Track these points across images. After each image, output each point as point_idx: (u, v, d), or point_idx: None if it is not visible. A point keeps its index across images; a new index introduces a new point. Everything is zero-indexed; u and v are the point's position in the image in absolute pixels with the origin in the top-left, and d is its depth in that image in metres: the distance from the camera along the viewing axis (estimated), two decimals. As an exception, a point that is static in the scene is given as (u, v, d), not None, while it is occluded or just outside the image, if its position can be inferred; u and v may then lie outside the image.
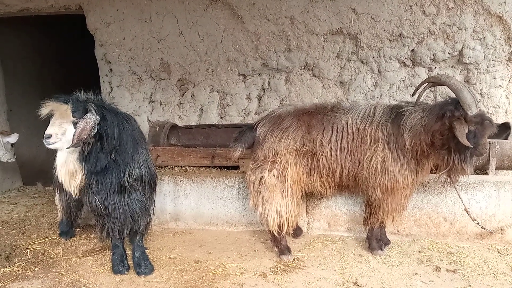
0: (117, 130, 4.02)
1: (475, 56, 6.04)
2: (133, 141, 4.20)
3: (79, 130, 3.77)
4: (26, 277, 4.40)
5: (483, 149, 3.95)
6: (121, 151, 4.09)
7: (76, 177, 4.05)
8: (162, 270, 4.43)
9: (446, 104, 4.00)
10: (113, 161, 4.05)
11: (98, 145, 3.95)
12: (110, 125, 3.97)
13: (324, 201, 5.23)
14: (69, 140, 3.84)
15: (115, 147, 4.04)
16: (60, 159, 4.07)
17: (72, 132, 3.83)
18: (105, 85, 7.42)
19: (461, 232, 4.89)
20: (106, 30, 7.08)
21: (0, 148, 6.61)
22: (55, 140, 3.82)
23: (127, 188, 4.16)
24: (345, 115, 4.46)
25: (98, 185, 4.06)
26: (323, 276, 4.19)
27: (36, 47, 9.43)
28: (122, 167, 4.11)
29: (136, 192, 4.25)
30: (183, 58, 6.97)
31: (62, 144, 3.87)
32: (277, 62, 6.66)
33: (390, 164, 4.25)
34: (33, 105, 9.13)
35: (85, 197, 4.26)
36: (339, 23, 6.30)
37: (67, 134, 3.84)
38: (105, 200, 4.13)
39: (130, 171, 4.13)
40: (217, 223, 5.57)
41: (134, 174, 4.15)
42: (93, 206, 4.19)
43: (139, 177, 4.22)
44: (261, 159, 4.53)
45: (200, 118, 7.17)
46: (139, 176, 4.22)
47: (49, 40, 9.78)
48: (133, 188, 4.20)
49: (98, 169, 4.00)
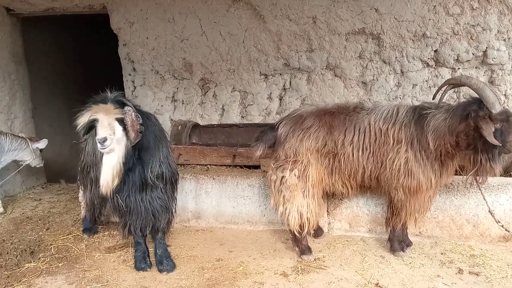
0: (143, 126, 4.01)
1: (500, 57, 5.96)
2: (155, 138, 4.22)
3: (130, 123, 3.76)
4: (50, 272, 4.47)
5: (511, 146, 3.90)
6: (144, 149, 4.10)
7: (118, 177, 3.96)
8: (184, 268, 4.47)
9: (469, 105, 3.96)
10: (137, 159, 4.06)
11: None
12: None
13: (346, 201, 5.22)
14: (118, 139, 3.77)
15: (141, 144, 4.02)
16: (111, 161, 3.88)
17: (119, 129, 3.77)
18: (128, 84, 7.49)
19: (484, 234, 4.84)
20: (130, 29, 7.15)
21: (29, 154, 6.72)
22: (110, 141, 3.71)
23: (149, 185, 4.18)
24: (367, 115, 4.44)
25: (121, 183, 4.07)
26: (344, 276, 4.18)
27: (60, 46, 9.55)
28: (145, 164, 4.13)
29: (157, 190, 4.27)
30: (205, 58, 7.01)
31: (114, 144, 3.77)
32: (299, 62, 6.66)
33: (413, 165, 4.22)
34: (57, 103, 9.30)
35: None
36: (361, 23, 6.28)
37: (117, 132, 3.76)
38: (127, 198, 4.16)
39: (151, 169, 4.15)
40: (238, 222, 5.59)
41: (155, 172, 4.17)
42: (115, 204, 4.22)
43: (160, 174, 4.24)
44: (282, 158, 4.54)
45: (221, 118, 7.20)
46: (160, 173, 4.23)
47: (73, 39, 9.90)
48: (154, 186, 4.21)
49: (131, 166, 4.00)
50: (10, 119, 7.59)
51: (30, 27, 8.26)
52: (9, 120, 7.57)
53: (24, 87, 8.05)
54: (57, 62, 9.49)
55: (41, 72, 8.82)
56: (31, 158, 6.78)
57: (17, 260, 4.74)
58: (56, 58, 9.46)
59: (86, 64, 10.31)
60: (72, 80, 9.92)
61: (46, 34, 8.96)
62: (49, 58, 9.21)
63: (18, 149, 6.60)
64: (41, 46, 8.90)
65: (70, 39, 9.83)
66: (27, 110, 8.09)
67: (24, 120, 7.94)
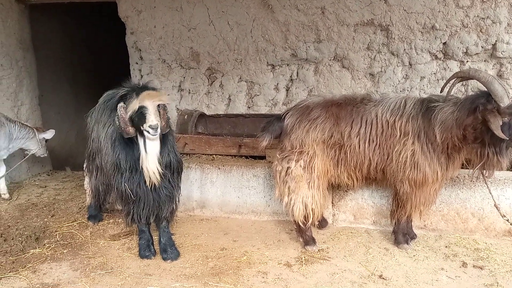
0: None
1: (509, 50, 5.90)
2: None
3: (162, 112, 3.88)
4: (55, 258, 4.50)
5: None
6: None
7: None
8: (188, 256, 4.48)
9: (477, 98, 3.93)
10: None
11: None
12: None
13: (351, 193, 5.21)
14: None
15: None
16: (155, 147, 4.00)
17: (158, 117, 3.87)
18: (135, 73, 7.49)
19: (489, 228, 4.82)
20: (137, 18, 7.14)
21: (36, 143, 6.75)
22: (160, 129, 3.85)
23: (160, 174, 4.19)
24: (374, 107, 4.42)
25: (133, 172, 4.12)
26: (348, 268, 4.19)
27: (67, 34, 9.55)
28: None
29: (165, 179, 4.26)
30: (212, 47, 6.99)
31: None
32: (306, 52, 6.63)
33: (420, 157, 4.21)
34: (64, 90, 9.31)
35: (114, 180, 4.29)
36: (370, 14, 6.23)
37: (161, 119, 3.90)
38: (137, 187, 4.18)
39: (162, 158, 4.16)
40: (242, 212, 5.60)
41: (164, 161, 4.18)
42: (123, 192, 4.23)
43: (169, 163, 4.25)
44: (288, 149, 4.53)
45: (227, 108, 7.19)
46: (168, 162, 4.25)
47: (80, 27, 9.90)
48: (163, 175, 4.20)
49: None
50: (16, 106, 7.61)
51: (37, 14, 8.26)
52: (15, 107, 7.58)
53: (31, 74, 8.06)
54: (64, 50, 9.49)
55: (48, 59, 8.83)
56: (37, 148, 6.80)
57: (22, 246, 4.77)
58: (64, 46, 9.46)
59: (93, 52, 10.31)
60: (79, 68, 9.92)
61: (53, 21, 8.96)
62: (57, 46, 9.22)
63: (26, 137, 6.63)
64: (49, 33, 8.90)
65: (78, 27, 9.82)
66: (34, 97, 8.11)
67: (30, 107, 7.96)
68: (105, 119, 4.55)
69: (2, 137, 6.30)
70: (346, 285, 3.85)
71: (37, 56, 8.33)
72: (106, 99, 4.76)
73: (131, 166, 4.10)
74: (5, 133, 6.34)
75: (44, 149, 6.97)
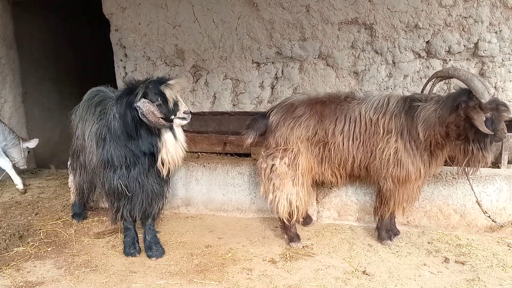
0: None
1: (491, 49, 5.98)
2: None
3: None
4: (39, 256, 4.48)
5: (502, 134, 3.92)
6: None
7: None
8: (173, 254, 4.49)
9: (459, 96, 3.99)
10: None
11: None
12: None
13: (335, 190, 5.25)
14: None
15: None
16: (182, 133, 4.16)
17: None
18: (120, 70, 7.45)
19: (471, 224, 4.89)
20: (122, 15, 7.10)
21: (19, 152, 6.72)
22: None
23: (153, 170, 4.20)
24: (358, 105, 4.46)
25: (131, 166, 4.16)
26: (332, 264, 4.22)
27: (51, 31, 9.48)
28: None
29: (156, 174, 4.28)
30: (197, 45, 6.98)
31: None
32: (291, 50, 6.65)
33: (403, 155, 4.26)
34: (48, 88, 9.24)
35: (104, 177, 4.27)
36: (354, 13, 6.27)
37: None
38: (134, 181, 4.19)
39: None
40: (227, 209, 5.62)
41: None
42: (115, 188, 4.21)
43: None
44: (273, 147, 4.56)
45: (213, 105, 7.19)
46: None
47: (64, 24, 9.83)
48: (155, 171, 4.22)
49: None
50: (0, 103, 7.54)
51: (21, 11, 8.19)
52: (-2, 104, 7.52)
53: (15, 71, 7.99)
54: (48, 47, 9.42)
55: (32, 56, 8.77)
56: (19, 157, 6.76)
57: (6, 244, 4.74)
58: (48, 43, 9.39)
59: (77, 50, 10.25)
60: (64, 65, 9.85)
61: (37, 18, 8.89)
62: (40, 43, 9.15)
63: (12, 143, 6.59)
64: (32, 30, 8.83)
65: (62, 24, 9.75)
66: (17, 95, 8.04)
67: (14, 104, 7.89)
68: (90, 117, 4.54)
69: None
70: (330, 281, 3.89)
71: (21, 53, 8.26)
72: (91, 96, 4.75)
73: (129, 162, 4.09)
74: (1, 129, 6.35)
75: (25, 160, 6.91)
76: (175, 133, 4.05)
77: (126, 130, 3.98)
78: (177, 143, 4.07)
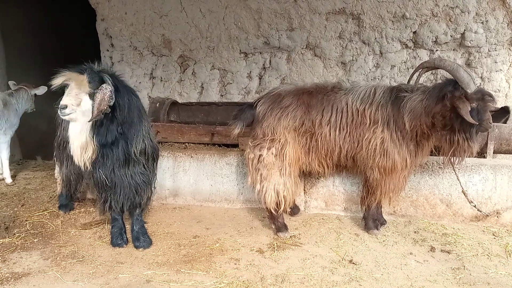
0: (128, 101, 4.02)
1: (477, 40, 6.02)
2: (138, 113, 4.21)
3: (98, 102, 3.73)
4: (25, 248, 4.45)
5: (488, 124, 3.95)
6: (129, 123, 4.09)
7: (87, 149, 4.01)
8: (160, 244, 4.48)
9: (445, 86, 4.01)
10: (121, 134, 4.05)
11: (109, 116, 3.93)
12: (122, 96, 3.95)
13: (322, 180, 5.27)
14: (84, 111, 3.80)
15: (125, 118, 4.03)
16: (73, 131, 3.98)
17: (87, 103, 3.79)
18: (106, 60, 7.40)
19: (456, 214, 4.94)
20: (108, 4, 7.04)
21: (28, 100, 6.74)
22: (70, 111, 3.76)
23: (132, 160, 4.17)
24: (345, 95, 4.47)
25: (104, 158, 4.06)
26: (319, 253, 4.24)
27: (37, 21, 9.36)
28: (129, 139, 4.11)
29: (139, 165, 4.27)
30: (184, 35, 6.95)
31: (77, 115, 3.82)
32: (279, 40, 6.64)
33: (389, 145, 4.28)
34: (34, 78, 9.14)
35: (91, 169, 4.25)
36: (342, 3, 6.27)
37: (83, 105, 3.79)
38: (111, 173, 4.15)
39: (136, 144, 4.14)
40: (215, 200, 5.61)
41: (139, 147, 4.17)
42: (98, 179, 4.20)
43: (143, 149, 4.24)
44: (260, 137, 4.55)
45: (200, 96, 7.17)
46: (143, 148, 4.24)
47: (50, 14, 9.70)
48: (137, 161, 4.21)
49: (109, 141, 3.98)
50: (-16, 94, 7.45)
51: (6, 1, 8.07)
52: (-17, 95, 7.43)
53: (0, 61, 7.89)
54: (33, 37, 9.32)
55: (17, 47, 8.66)
56: (29, 106, 6.91)
57: (-9, 236, 4.71)
58: (33, 33, 9.29)
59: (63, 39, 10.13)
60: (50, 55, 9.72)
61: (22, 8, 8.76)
62: (26, 33, 9.04)
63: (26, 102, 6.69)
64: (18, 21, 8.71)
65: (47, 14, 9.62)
66: (2, 85, 7.96)
67: (-1, 94, 7.80)
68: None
69: (12, 115, 6.28)
70: (317, 270, 3.90)
71: (6, 43, 8.16)
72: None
73: (104, 152, 4.07)
74: (14, 111, 6.34)
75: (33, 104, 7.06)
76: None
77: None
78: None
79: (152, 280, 3.75)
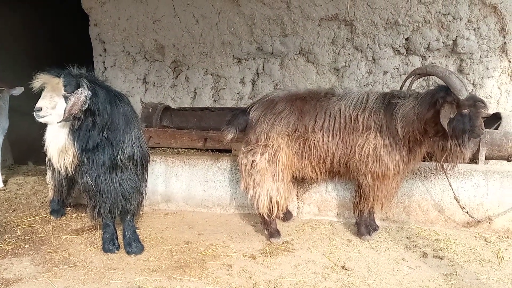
0: (109, 107, 4.02)
1: (469, 46, 6.06)
2: (125, 119, 4.20)
3: (70, 105, 3.75)
4: (16, 253, 4.41)
5: (480, 130, 3.96)
6: (113, 129, 4.09)
7: (67, 154, 4.02)
8: (152, 250, 4.46)
9: (437, 92, 4.04)
10: (105, 139, 4.04)
11: (90, 121, 3.94)
12: (102, 102, 3.96)
13: (315, 186, 5.27)
14: (60, 114, 3.83)
15: (107, 124, 4.03)
16: (50, 134, 4.07)
17: (63, 106, 3.82)
18: (99, 65, 7.39)
19: (449, 220, 4.95)
20: (101, 9, 7.04)
21: (7, 101, 6.66)
22: (45, 113, 3.83)
23: (119, 166, 4.17)
24: (338, 101, 4.48)
25: (90, 163, 4.06)
26: (312, 259, 4.24)
27: (30, 26, 9.34)
28: (114, 145, 4.11)
29: (128, 171, 4.26)
30: (177, 40, 6.95)
31: (53, 118, 3.88)
32: (272, 46, 6.66)
33: (382, 151, 4.29)
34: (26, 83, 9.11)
35: (77, 175, 4.25)
36: (335, 9, 6.30)
37: (58, 108, 3.84)
38: (97, 178, 4.14)
39: (122, 149, 4.14)
40: (208, 205, 5.60)
41: (126, 153, 4.16)
42: (85, 184, 4.19)
43: (131, 155, 4.23)
44: (253, 142, 4.55)
45: (193, 101, 7.17)
46: (131, 154, 4.22)
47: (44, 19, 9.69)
48: (125, 167, 4.21)
49: (90, 146, 3.99)
50: (-24, 99, 7.40)
51: (-1, 6, 8.06)
52: (-25, 100, 7.38)
53: (-7, 66, 7.87)
54: (27, 42, 9.29)
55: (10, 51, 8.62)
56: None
57: (-18, 241, 4.67)
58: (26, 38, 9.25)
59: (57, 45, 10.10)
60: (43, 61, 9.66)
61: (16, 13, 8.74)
62: (19, 38, 9.00)
63: (6, 102, 6.71)
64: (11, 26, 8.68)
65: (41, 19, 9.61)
66: (-6, 90, 7.90)
67: (-9, 100, 7.75)
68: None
69: (3, 118, 6.25)
70: (310, 276, 3.90)
71: (-1, 48, 8.14)
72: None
73: (89, 157, 4.06)
74: (5, 114, 6.35)
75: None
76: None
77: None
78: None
79: (144, 286, 3.72)
